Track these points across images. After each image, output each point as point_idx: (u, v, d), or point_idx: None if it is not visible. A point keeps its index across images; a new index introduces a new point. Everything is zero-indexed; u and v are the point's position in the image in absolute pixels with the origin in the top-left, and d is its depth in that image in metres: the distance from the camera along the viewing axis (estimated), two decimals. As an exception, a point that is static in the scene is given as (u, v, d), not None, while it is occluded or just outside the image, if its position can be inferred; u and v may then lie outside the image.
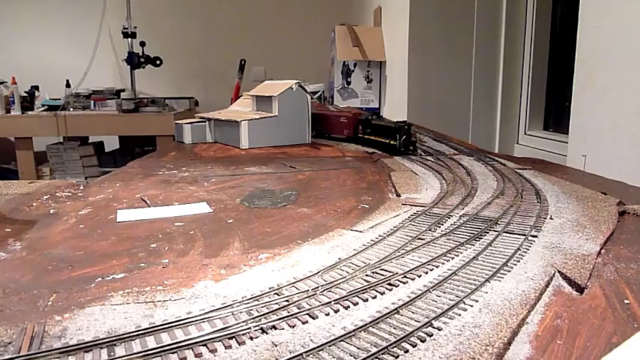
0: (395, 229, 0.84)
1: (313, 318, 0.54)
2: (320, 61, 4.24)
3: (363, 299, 0.58)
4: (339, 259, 0.71)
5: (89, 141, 4.01)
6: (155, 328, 0.51)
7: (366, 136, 1.86)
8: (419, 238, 0.79)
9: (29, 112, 3.71)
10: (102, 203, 1.08)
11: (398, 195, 1.12)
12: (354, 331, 0.50)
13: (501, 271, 0.65)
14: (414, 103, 2.82)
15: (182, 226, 0.91)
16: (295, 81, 1.94)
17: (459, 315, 0.54)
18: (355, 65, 3.39)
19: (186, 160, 1.63)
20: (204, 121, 2.07)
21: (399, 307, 0.55)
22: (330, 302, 0.57)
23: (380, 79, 3.41)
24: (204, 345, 0.48)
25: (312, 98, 2.06)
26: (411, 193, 1.13)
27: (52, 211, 1.02)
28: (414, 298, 0.58)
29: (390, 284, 0.62)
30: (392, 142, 1.68)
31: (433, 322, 0.52)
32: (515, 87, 2.71)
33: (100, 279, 0.67)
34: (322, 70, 4.17)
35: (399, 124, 1.68)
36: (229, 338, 0.50)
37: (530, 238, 0.79)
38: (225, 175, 1.38)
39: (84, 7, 4.56)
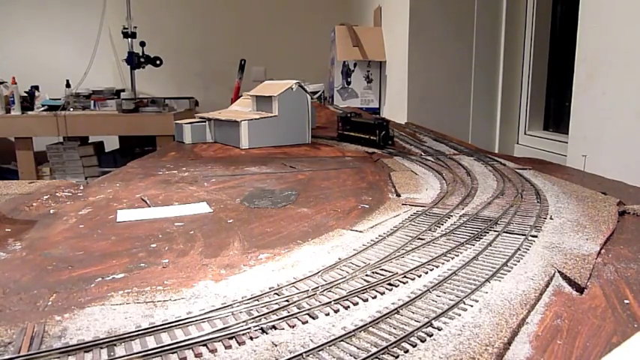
0: (395, 229, 0.84)
1: (313, 318, 0.54)
2: (320, 61, 4.24)
3: (363, 299, 0.58)
4: (339, 259, 0.71)
5: (89, 141, 4.01)
6: (155, 328, 0.51)
7: (347, 133, 1.99)
8: (419, 238, 0.79)
9: (29, 112, 3.72)
10: (102, 203, 1.08)
11: (398, 195, 1.12)
12: (354, 331, 0.50)
13: (501, 271, 0.65)
14: (414, 104, 2.82)
15: (182, 226, 0.91)
16: (295, 81, 1.94)
17: (459, 315, 0.54)
18: (355, 65, 3.39)
19: (186, 160, 1.63)
20: (204, 121, 2.07)
21: (399, 307, 0.55)
22: (330, 302, 0.57)
23: (380, 79, 3.41)
24: (204, 345, 0.48)
25: (312, 98, 2.06)
26: (411, 193, 1.13)
27: (52, 211, 1.02)
28: (414, 298, 0.58)
29: (390, 284, 0.62)
30: (372, 138, 1.83)
31: (433, 322, 0.52)
32: (515, 87, 2.71)
33: (100, 279, 0.67)
34: (322, 70, 4.17)
35: (378, 121, 1.84)
36: (229, 338, 0.50)
37: (530, 238, 0.79)
38: (225, 175, 1.38)
39: (84, 7, 4.56)
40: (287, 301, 0.57)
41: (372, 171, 1.41)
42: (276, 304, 0.56)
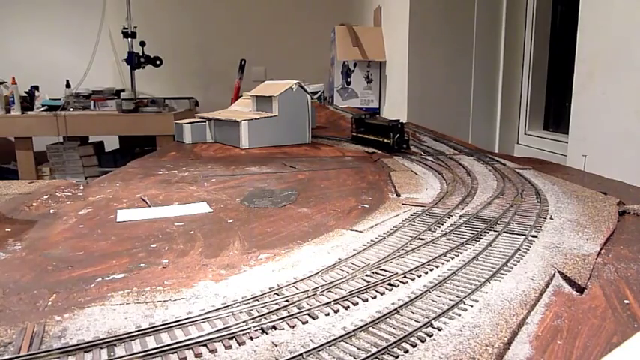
0: (395, 229, 0.84)
1: (313, 318, 0.54)
2: (320, 61, 4.24)
3: (363, 299, 0.58)
4: (339, 259, 0.71)
5: (89, 141, 4.01)
6: (155, 328, 0.51)
7: (361, 135, 1.91)
8: (419, 238, 0.79)
9: (29, 112, 3.71)
10: (102, 203, 1.08)
11: (398, 195, 1.12)
12: (354, 331, 0.50)
13: (501, 271, 0.65)
14: (414, 103, 2.82)
15: (182, 226, 0.91)
16: (295, 81, 1.94)
17: (459, 315, 0.54)
18: (355, 65, 3.39)
19: (187, 160, 1.63)
20: (204, 121, 2.07)
21: (399, 307, 0.55)
22: (330, 302, 0.57)
23: (380, 79, 3.41)
24: (204, 345, 0.48)
25: (312, 98, 2.06)
26: (411, 193, 1.13)
27: (52, 211, 1.02)
28: (414, 298, 0.58)
29: (390, 284, 0.62)
30: (386, 141, 1.72)
31: (433, 322, 0.52)
32: (515, 87, 2.71)
33: (100, 279, 0.67)
34: (322, 70, 4.17)
35: (392, 123, 1.71)
36: (229, 338, 0.50)
37: (530, 238, 0.79)
38: (225, 175, 1.38)
39: (84, 7, 4.56)
40: (287, 301, 0.57)
41: (372, 171, 1.41)
42: (276, 304, 0.56)
